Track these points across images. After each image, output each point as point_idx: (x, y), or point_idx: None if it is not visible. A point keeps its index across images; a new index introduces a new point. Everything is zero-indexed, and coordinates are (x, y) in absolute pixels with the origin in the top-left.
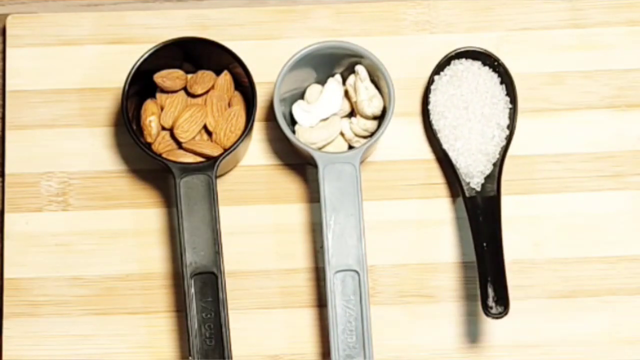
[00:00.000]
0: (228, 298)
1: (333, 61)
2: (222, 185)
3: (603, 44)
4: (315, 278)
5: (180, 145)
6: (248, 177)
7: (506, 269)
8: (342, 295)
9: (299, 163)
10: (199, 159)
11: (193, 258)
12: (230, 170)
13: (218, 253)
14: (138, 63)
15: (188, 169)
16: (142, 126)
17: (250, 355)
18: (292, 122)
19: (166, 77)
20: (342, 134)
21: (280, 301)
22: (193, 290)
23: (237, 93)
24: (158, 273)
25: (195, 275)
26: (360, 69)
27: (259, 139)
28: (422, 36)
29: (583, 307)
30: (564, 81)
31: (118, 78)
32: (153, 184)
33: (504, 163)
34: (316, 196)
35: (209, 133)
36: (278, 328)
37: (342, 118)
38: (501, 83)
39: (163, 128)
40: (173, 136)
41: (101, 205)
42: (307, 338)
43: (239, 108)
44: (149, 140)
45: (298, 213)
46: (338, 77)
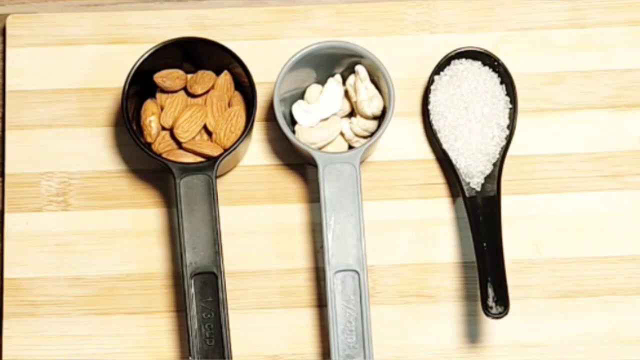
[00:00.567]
0: (228, 298)
1: (333, 61)
2: (222, 185)
3: (603, 44)
4: (315, 278)
5: (180, 145)
6: (248, 177)
7: (506, 269)
8: (342, 295)
9: (299, 163)
10: (199, 159)
11: (193, 258)
12: (230, 170)
13: (218, 253)
14: (138, 63)
15: (188, 169)
16: (142, 126)
17: (250, 355)
18: (292, 122)
19: (166, 77)
20: (342, 134)
21: (280, 301)
22: (193, 290)
23: (237, 93)
24: (158, 273)
25: (195, 275)
26: (360, 69)
27: (259, 139)
28: (422, 36)
29: (583, 307)
30: (564, 81)
31: (118, 78)
32: (153, 184)
33: (504, 163)
34: (316, 196)
35: (209, 133)
36: (278, 328)
37: (342, 118)
38: (501, 83)
39: (163, 128)
40: (173, 136)
41: (101, 205)
42: (307, 338)
43: (239, 108)
44: (149, 140)
45: (298, 213)
46: (338, 77)
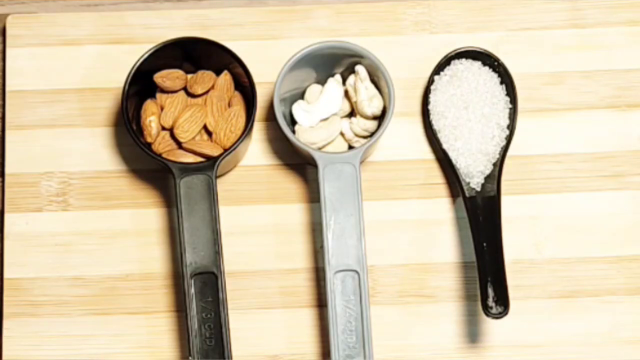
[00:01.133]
0: (228, 298)
1: (333, 61)
2: (222, 185)
3: (603, 44)
4: (315, 278)
5: (180, 145)
6: (248, 177)
7: (506, 269)
8: (342, 295)
9: (299, 163)
10: (199, 159)
11: (193, 258)
12: (230, 170)
13: (218, 253)
14: (138, 63)
15: (188, 169)
16: (142, 126)
17: (250, 355)
18: (292, 122)
19: (166, 77)
20: (342, 134)
21: (280, 301)
22: (193, 290)
23: (237, 93)
24: (158, 273)
25: (195, 275)
26: (360, 69)
27: (259, 139)
28: (422, 36)
29: (583, 307)
30: (564, 81)
31: (118, 78)
32: (153, 184)
33: (504, 163)
34: (316, 196)
35: (209, 133)
36: (278, 328)
37: (342, 118)
38: (501, 83)
39: (163, 128)
40: (173, 136)
41: (101, 205)
42: (307, 338)
43: (239, 108)
44: (149, 140)
45: (298, 213)
46: (338, 77)
